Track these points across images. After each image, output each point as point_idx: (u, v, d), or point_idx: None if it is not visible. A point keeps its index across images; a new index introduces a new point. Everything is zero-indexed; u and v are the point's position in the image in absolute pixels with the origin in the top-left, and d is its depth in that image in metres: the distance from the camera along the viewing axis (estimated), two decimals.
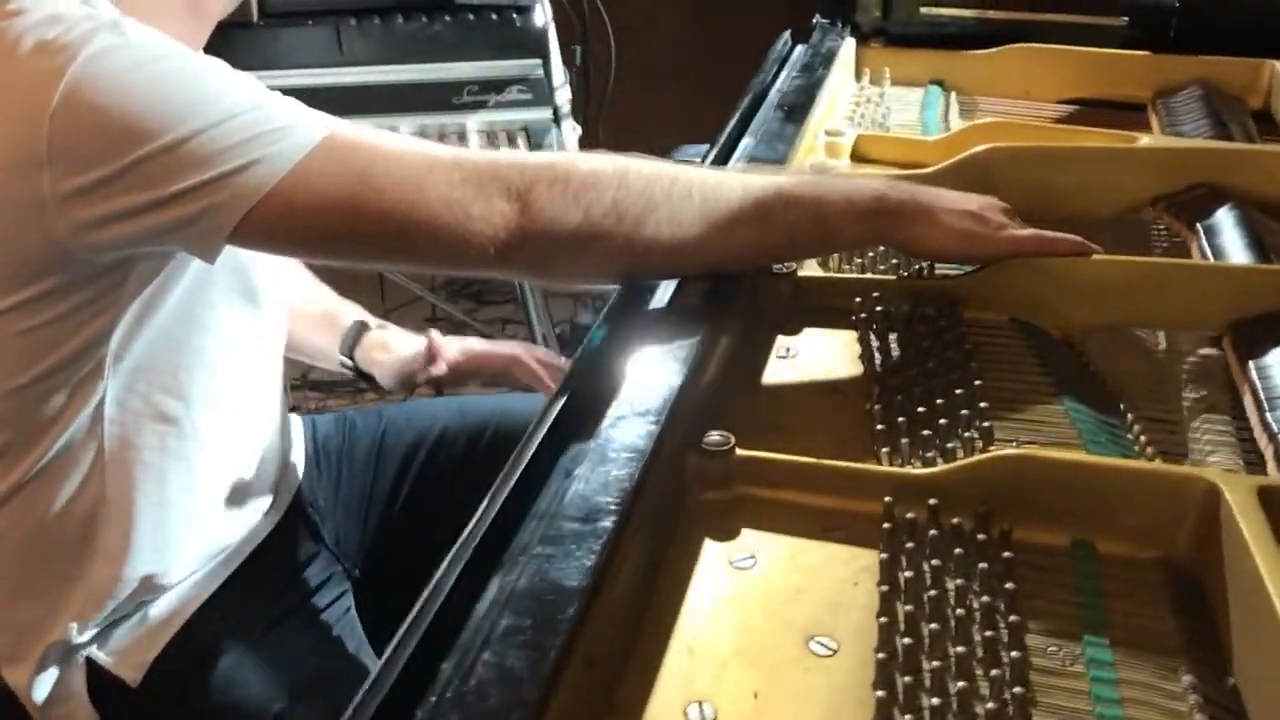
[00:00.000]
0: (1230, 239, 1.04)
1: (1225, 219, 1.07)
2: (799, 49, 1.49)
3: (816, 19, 1.56)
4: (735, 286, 0.95)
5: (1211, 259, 1.03)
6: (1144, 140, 1.17)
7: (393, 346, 1.31)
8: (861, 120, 1.36)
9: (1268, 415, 0.80)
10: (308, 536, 1.22)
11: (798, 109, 1.25)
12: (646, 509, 0.69)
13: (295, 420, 1.30)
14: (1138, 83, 1.42)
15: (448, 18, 1.89)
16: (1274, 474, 0.77)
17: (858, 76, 1.54)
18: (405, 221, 0.84)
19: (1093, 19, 1.48)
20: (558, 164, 0.87)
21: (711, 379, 0.85)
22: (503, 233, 0.85)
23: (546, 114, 1.91)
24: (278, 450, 1.18)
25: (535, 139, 1.89)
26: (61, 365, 0.93)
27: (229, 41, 1.84)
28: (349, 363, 1.32)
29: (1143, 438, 0.82)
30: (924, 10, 1.55)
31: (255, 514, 1.14)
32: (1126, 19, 1.46)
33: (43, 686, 1.04)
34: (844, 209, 0.91)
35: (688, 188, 0.88)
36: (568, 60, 1.97)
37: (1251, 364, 0.86)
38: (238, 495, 1.11)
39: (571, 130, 1.95)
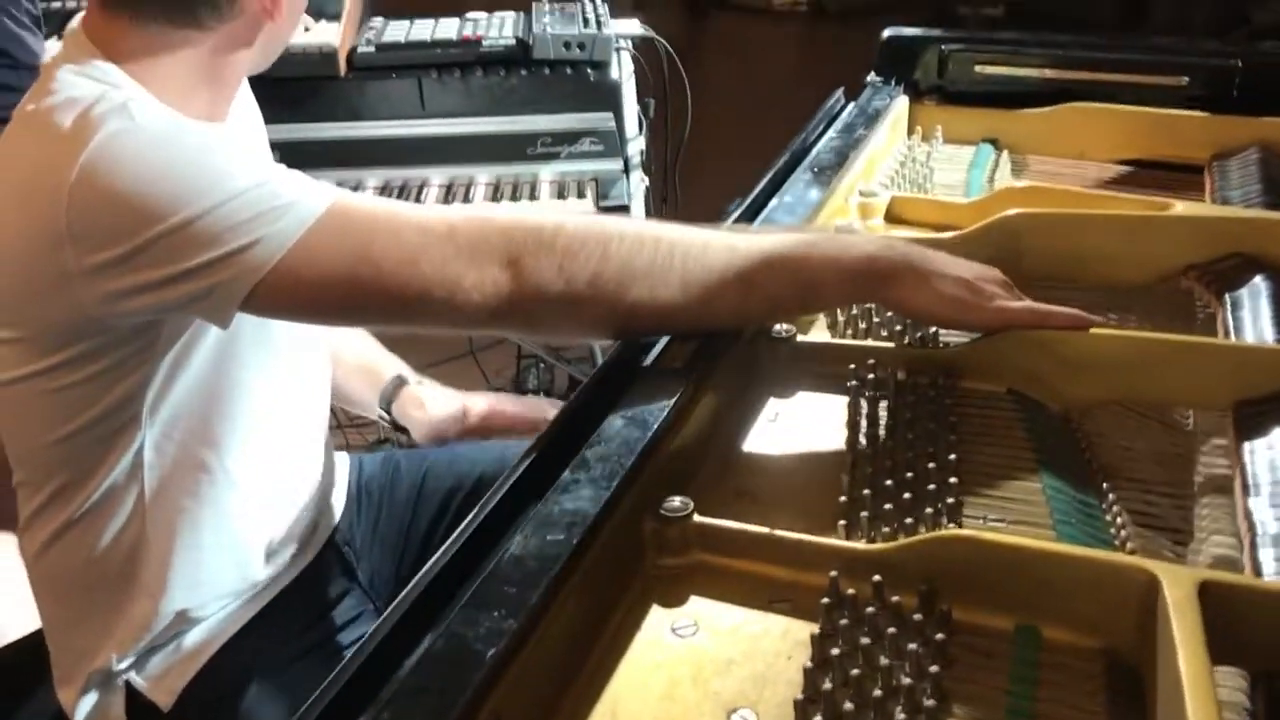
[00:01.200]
0: (1255, 313, 1.01)
1: (1254, 291, 1.03)
2: (850, 107, 1.49)
3: (870, 77, 1.55)
4: (731, 346, 0.96)
5: (1233, 332, 1.00)
6: (1177, 207, 1.14)
7: (427, 405, 1.36)
8: (901, 180, 1.35)
9: (1249, 501, 0.78)
10: (341, 574, 1.27)
11: (827, 170, 1.25)
12: (588, 574, 0.71)
13: (341, 459, 1.35)
14: (1195, 144, 1.38)
15: (524, 72, 1.96)
16: (1246, 564, 0.74)
17: (909, 134, 1.53)
18: (401, 293, 0.90)
19: (1154, 79, 1.44)
20: (544, 230, 0.90)
21: (689, 440, 0.87)
22: (493, 300, 0.90)
23: (617, 165, 1.95)
24: (316, 492, 1.23)
25: (604, 190, 1.93)
26: (101, 418, 1.00)
27: (318, 94, 1.95)
28: (386, 416, 1.37)
29: (1119, 520, 0.80)
30: (978, 69, 1.53)
31: (289, 553, 1.19)
32: (1187, 79, 1.42)
33: (86, 708, 1.11)
34: (828, 270, 0.92)
35: (670, 254, 0.90)
36: (643, 112, 2.01)
37: (1245, 445, 0.84)
38: (272, 537, 1.16)
39: (640, 182, 1.98)
